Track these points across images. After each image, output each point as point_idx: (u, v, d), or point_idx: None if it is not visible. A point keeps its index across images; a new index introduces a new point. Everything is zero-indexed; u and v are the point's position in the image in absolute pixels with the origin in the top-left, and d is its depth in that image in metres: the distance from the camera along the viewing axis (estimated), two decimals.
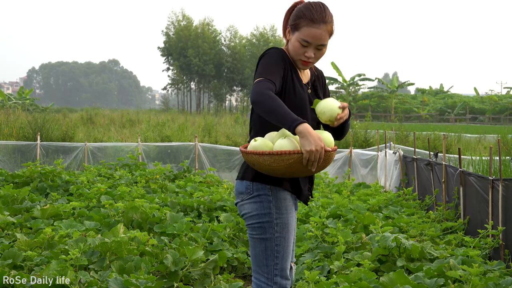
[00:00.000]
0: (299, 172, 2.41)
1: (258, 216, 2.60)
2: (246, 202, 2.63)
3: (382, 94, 54.38)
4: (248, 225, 2.65)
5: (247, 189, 2.63)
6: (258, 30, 60.56)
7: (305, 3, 2.60)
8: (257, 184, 2.60)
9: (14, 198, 7.47)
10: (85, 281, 4.17)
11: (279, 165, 2.36)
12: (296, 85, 2.62)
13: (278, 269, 2.60)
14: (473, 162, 10.45)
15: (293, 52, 2.61)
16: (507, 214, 5.39)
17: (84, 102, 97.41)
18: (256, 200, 2.60)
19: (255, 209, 2.61)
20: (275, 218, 2.60)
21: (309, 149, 2.27)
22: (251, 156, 2.43)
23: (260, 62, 2.57)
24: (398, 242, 5.09)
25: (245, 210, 2.65)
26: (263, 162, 2.39)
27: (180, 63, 58.90)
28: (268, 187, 2.59)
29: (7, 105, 36.77)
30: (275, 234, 2.59)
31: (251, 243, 2.65)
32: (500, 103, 51.44)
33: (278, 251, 2.59)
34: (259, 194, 2.60)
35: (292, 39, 2.60)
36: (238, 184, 2.69)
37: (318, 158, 2.30)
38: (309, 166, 2.33)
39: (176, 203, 7.47)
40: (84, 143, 14.33)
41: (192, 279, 4.73)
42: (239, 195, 2.67)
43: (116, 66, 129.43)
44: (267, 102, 2.34)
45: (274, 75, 2.48)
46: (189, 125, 24.48)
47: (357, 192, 9.61)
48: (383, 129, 17.84)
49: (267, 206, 2.59)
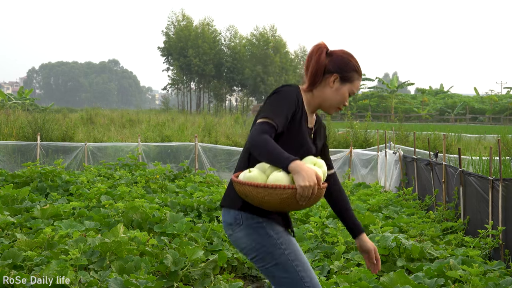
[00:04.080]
0: (291, 206, 2.38)
1: (258, 246, 2.53)
2: (239, 235, 2.56)
3: (382, 94, 54.40)
4: (254, 259, 2.56)
5: (236, 220, 2.55)
6: (258, 30, 60.59)
7: (348, 53, 2.68)
8: (246, 214, 2.54)
9: (14, 198, 7.47)
10: (85, 281, 4.17)
11: (273, 198, 2.33)
12: (303, 126, 2.62)
13: (308, 281, 2.56)
14: (473, 162, 10.45)
15: (336, 100, 2.66)
16: (507, 214, 5.39)
17: (84, 102, 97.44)
18: (250, 231, 2.54)
19: (252, 240, 2.54)
20: (276, 239, 2.55)
21: (302, 185, 2.26)
22: (245, 187, 2.38)
23: (271, 98, 2.56)
24: (398, 242, 5.09)
25: (243, 245, 2.56)
26: (256, 194, 2.36)
27: (180, 63, 58.91)
28: (257, 216, 2.54)
29: (7, 105, 36.79)
30: (285, 252, 2.55)
31: (267, 273, 2.55)
32: (500, 103, 51.46)
33: (297, 265, 2.55)
34: (249, 224, 2.54)
35: (342, 88, 2.65)
36: (225, 213, 2.60)
37: (310, 193, 2.29)
38: (302, 201, 2.31)
39: (176, 203, 7.47)
40: (84, 143, 14.34)
41: (192, 279, 4.73)
42: (228, 227, 2.59)
43: (116, 66, 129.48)
44: (262, 146, 2.36)
45: (280, 116, 2.48)
46: (189, 125, 24.49)
47: (357, 192, 9.61)
48: (383, 129, 17.84)
49: (263, 232, 2.54)
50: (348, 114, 23.74)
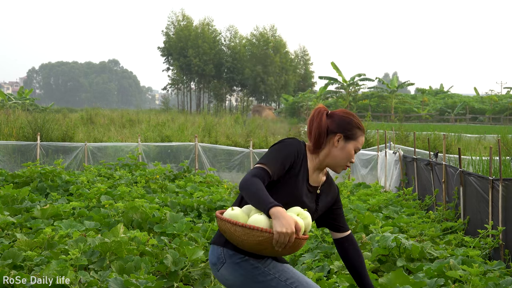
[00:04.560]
0: (266, 250, 2.40)
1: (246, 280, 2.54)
2: (224, 273, 2.56)
3: (382, 94, 54.39)
4: None
5: (219, 258, 2.57)
6: (258, 30, 60.62)
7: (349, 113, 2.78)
8: (228, 251, 2.55)
9: (14, 198, 7.47)
10: (85, 281, 4.16)
11: (249, 239, 2.36)
12: (300, 182, 2.65)
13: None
14: (473, 162, 10.45)
15: (341, 158, 2.73)
16: (507, 214, 5.39)
17: (84, 102, 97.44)
18: (234, 267, 2.54)
19: (238, 275, 2.54)
20: (263, 267, 2.55)
21: (279, 231, 2.28)
22: (224, 224, 2.41)
23: (274, 146, 2.63)
24: (398, 242, 5.09)
25: (230, 282, 2.56)
26: (234, 232, 2.38)
27: (180, 63, 58.93)
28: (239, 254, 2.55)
29: (7, 105, 36.80)
30: (276, 275, 2.56)
31: None
32: (500, 103, 51.44)
33: (292, 282, 2.56)
34: (233, 260, 2.54)
35: (347, 147, 2.73)
36: (210, 252, 2.63)
37: (287, 241, 2.31)
38: (277, 247, 2.32)
39: (176, 203, 7.47)
40: (84, 143, 14.34)
41: (192, 279, 4.73)
42: (213, 267, 2.60)
43: (116, 66, 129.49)
44: (249, 188, 2.41)
45: (276, 164, 2.53)
46: (189, 125, 24.49)
47: (357, 192, 9.61)
48: (383, 129, 17.84)
49: (248, 265, 2.54)
50: None
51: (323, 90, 52.77)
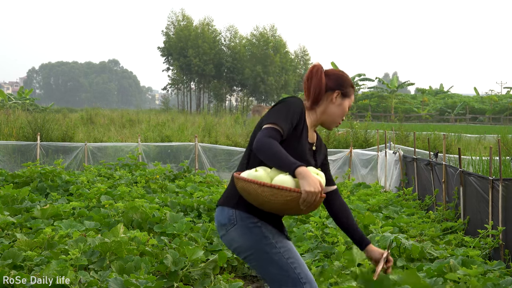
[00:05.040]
0: (291, 210, 2.43)
1: (253, 245, 2.57)
2: (233, 235, 2.58)
3: (382, 94, 54.39)
4: (247, 258, 2.59)
5: (229, 220, 2.58)
6: (258, 30, 60.59)
7: (343, 71, 2.88)
8: (241, 213, 2.57)
9: (14, 198, 7.47)
10: (85, 281, 4.16)
11: (276, 199, 2.38)
12: (303, 139, 2.69)
13: (303, 277, 2.59)
14: (473, 162, 10.45)
15: (337, 114, 2.82)
16: (507, 214, 5.39)
17: (84, 102, 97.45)
18: (244, 231, 2.57)
19: (247, 239, 2.57)
20: (271, 237, 2.58)
21: (308, 190, 2.33)
22: (249, 185, 2.40)
23: (278, 106, 2.64)
24: (398, 242, 5.09)
25: (236, 244, 2.59)
26: (261, 193, 2.39)
27: (180, 63, 58.93)
28: (252, 216, 2.57)
29: (7, 105, 36.80)
30: (281, 250, 2.59)
31: (262, 272, 2.59)
32: (500, 103, 51.45)
33: (292, 262, 2.59)
34: (244, 224, 2.57)
35: (343, 103, 2.82)
36: (219, 213, 2.62)
37: (313, 200, 2.35)
38: (303, 206, 2.36)
39: (176, 203, 7.47)
40: (84, 143, 14.34)
41: (192, 279, 4.73)
42: (222, 227, 2.61)
43: (116, 66, 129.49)
44: (269, 150, 2.43)
45: (285, 122, 2.55)
46: (189, 125, 24.49)
47: (357, 192, 9.61)
48: (383, 129, 17.84)
49: (258, 232, 2.57)
50: (348, 114, 23.75)
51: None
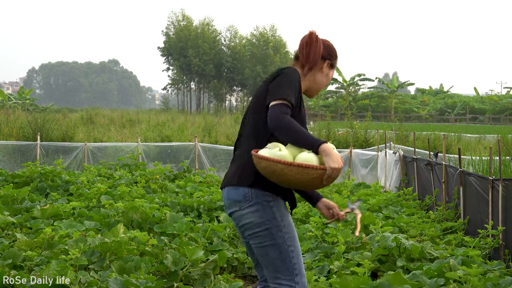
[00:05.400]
0: (314, 186, 2.50)
1: (263, 223, 2.60)
2: (246, 211, 2.61)
3: (382, 94, 54.39)
4: (253, 234, 2.63)
5: (245, 197, 2.61)
6: (258, 30, 60.55)
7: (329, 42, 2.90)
8: (257, 191, 2.60)
9: (14, 198, 7.46)
10: (85, 281, 4.16)
11: (303, 177, 2.44)
12: (302, 109, 2.75)
13: (297, 268, 2.65)
14: (473, 162, 10.44)
15: (323, 84, 2.88)
16: (507, 214, 5.39)
17: (84, 102, 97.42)
18: (258, 208, 2.60)
19: (258, 216, 2.60)
20: (280, 220, 2.63)
21: (333, 166, 2.40)
22: (276, 165, 2.43)
23: (280, 80, 2.64)
24: (398, 242, 5.09)
25: (247, 220, 2.62)
26: (288, 172, 2.43)
27: (180, 63, 58.90)
28: (268, 194, 2.61)
29: (7, 105, 36.79)
30: (285, 236, 2.63)
31: (262, 252, 2.64)
32: (500, 103, 51.45)
33: (292, 250, 2.64)
34: (259, 201, 2.60)
35: (329, 74, 2.88)
36: (232, 191, 2.64)
37: (336, 175, 2.44)
38: (326, 182, 2.45)
39: (176, 203, 7.47)
40: (84, 143, 14.33)
41: (192, 279, 4.73)
42: (235, 204, 2.63)
43: (116, 66, 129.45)
44: (289, 128, 2.47)
45: (292, 96, 2.57)
46: (189, 125, 24.49)
47: (357, 192, 9.61)
48: (383, 129, 17.84)
49: (270, 212, 2.61)
50: (348, 114, 23.74)
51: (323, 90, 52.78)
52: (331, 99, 55.28)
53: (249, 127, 2.72)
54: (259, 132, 2.67)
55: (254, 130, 2.69)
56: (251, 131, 2.70)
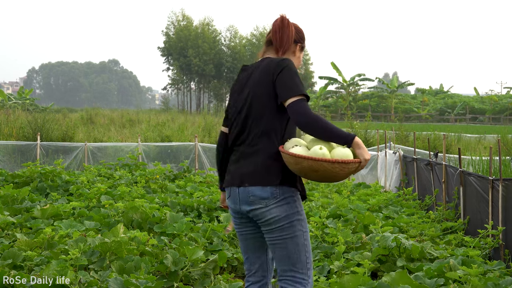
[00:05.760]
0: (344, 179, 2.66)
1: (288, 216, 2.69)
2: (272, 207, 2.68)
3: (382, 94, 54.38)
4: (276, 228, 2.70)
5: (272, 194, 2.68)
6: (258, 30, 60.57)
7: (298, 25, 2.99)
8: (284, 188, 2.69)
9: (14, 198, 7.46)
10: (85, 281, 4.16)
11: (343, 172, 2.57)
12: None
13: (309, 263, 2.76)
14: (473, 162, 10.44)
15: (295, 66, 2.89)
16: (507, 214, 5.39)
17: (84, 102, 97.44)
18: (283, 203, 2.69)
19: (284, 211, 2.68)
20: (301, 215, 2.74)
21: (367, 158, 2.55)
22: (321, 164, 2.52)
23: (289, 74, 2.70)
24: (398, 242, 5.08)
25: (272, 215, 2.68)
26: (332, 170, 2.54)
27: (180, 63, 58.89)
28: (293, 189, 2.72)
29: (7, 105, 36.79)
30: (303, 230, 2.74)
31: (280, 245, 2.72)
32: (500, 103, 51.44)
33: (306, 245, 2.75)
34: (285, 197, 2.69)
35: (300, 56, 2.97)
36: (257, 189, 2.69)
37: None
38: (356, 173, 2.63)
39: (176, 203, 7.46)
40: (84, 143, 14.33)
41: (192, 279, 4.73)
42: (260, 201, 2.69)
43: (116, 66, 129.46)
44: (321, 126, 2.58)
45: (304, 88, 2.69)
46: (189, 125, 24.48)
47: (357, 192, 9.61)
48: (383, 129, 17.84)
49: (294, 206, 2.71)
50: (348, 114, 23.73)
51: (323, 90, 52.76)
52: (331, 99, 55.27)
53: (260, 123, 2.74)
54: (275, 128, 2.73)
55: (267, 126, 2.73)
56: (264, 128, 2.73)
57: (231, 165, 2.85)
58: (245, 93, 2.82)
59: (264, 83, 2.73)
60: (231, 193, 2.80)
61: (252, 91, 2.78)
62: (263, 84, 2.73)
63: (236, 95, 2.89)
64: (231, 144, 2.87)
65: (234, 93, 2.92)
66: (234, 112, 2.86)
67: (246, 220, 2.85)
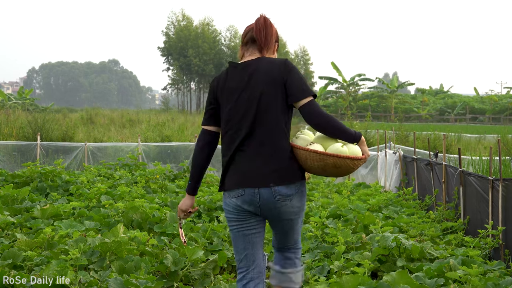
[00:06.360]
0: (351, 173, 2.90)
1: (303, 204, 2.99)
2: (295, 201, 2.90)
3: (382, 94, 54.39)
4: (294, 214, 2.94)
5: (296, 190, 2.89)
6: None
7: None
8: (302, 182, 2.93)
9: (14, 198, 7.46)
10: (85, 281, 4.16)
11: (355, 167, 2.83)
12: None
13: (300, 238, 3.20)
14: (473, 162, 10.44)
15: None
16: (507, 214, 5.39)
17: (84, 102, 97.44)
18: (302, 195, 2.95)
19: (301, 201, 2.95)
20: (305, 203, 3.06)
21: (369, 154, 2.83)
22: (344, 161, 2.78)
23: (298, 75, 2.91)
24: (398, 242, 5.08)
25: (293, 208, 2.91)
26: (353, 166, 2.81)
27: (180, 63, 58.89)
28: (305, 180, 2.96)
29: (7, 105, 36.79)
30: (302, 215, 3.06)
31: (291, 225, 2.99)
32: (500, 103, 51.45)
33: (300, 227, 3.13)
34: (302, 188, 2.95)
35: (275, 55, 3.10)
36: (285, 189, 2.85)
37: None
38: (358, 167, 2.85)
39: (176, 203, 7.46)
40: (84, 143, 14.32)
41: (192, 279, 4.73)
42: (287, 198, 2.87)
43: (116, 66, 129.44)
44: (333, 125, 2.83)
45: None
46: (189, 125, 24.49)
47: (357, 192, 9.61)
48: (383, 129, 17.83)
49: (305, 195, 3.00)
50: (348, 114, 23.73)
51: (323, 90, 52.77)
52: (331, 99, 55.26)
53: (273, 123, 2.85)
54: (287, 127, 2.89)
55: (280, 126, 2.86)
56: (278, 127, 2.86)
57: (240, 165, 2.87)
58: (251, 93, 2.83)
59: (274, 84, 2.83)
60: (246, 194, 2.86)
61: (261, 92, 2.82)
62: (273, 84, 2.83)
63: (236, 95, 2.87)
64: (238, 145, 2.86)
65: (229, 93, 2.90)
66: (238, 112, 2.85)
67: (249, 216, 2.93)
